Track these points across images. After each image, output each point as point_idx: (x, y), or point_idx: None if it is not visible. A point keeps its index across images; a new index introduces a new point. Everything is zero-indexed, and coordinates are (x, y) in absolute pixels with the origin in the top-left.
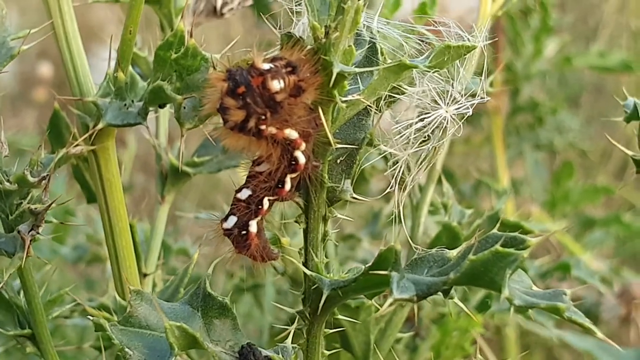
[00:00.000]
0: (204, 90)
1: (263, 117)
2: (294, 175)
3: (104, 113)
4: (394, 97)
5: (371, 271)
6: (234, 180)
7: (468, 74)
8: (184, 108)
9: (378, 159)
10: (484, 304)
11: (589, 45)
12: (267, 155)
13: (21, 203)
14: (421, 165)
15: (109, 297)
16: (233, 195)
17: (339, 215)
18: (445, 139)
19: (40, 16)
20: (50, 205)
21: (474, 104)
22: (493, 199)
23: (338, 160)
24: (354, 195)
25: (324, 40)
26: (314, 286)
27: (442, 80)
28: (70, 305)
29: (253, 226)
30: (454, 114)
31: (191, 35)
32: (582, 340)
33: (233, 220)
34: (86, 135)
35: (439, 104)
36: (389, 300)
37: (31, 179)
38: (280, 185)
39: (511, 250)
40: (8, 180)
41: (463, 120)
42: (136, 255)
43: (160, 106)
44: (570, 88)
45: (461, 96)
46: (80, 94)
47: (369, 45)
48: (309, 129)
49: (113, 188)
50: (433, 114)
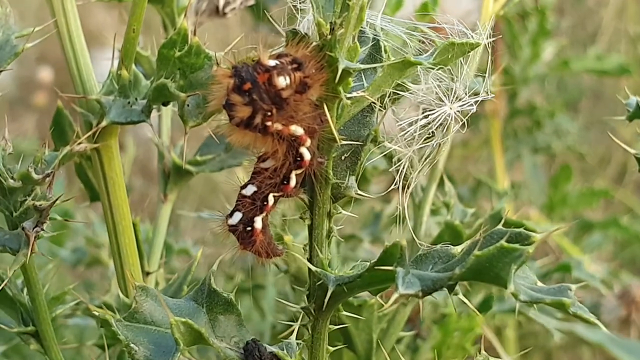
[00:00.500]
0: (210, 87)
1: (269, 114)
2: (299, 171)
3: (108, 111)
4: (398, 95)
5: (376, 267)
6: (232, 184)
7: (471, 71)
8: (188, 106)
9: (380, 157)
10: (486, 304)
11: (587, 50)
12: (273, 152)
13: (25, 200)
14: (425, 162)
15: (112, 296)
16: (238, 191)
17: (344, 212)
18: (449, 136)
19: (39, 21)
20: (55, 201)
21: (477, 101)
22: (494, 201)
23: (342, 157)
24: (359, 192)
25: (329, 36)
26: (319, 282)
27: (446, 78)
28: (72, 303)
29: (258, 222)
30: (458, 111)
31: (195, 34)
32: (593, 332)
33: (238, 216)
34: (90, 133)
35: (443, 101)
36: (395, 295)
37: (35, 176)
38: (285, 182)
39: (516, 245)
40: (12, 177)
41: (467, 117)
42: (139, 253)
43: (164, 104)
44: (569, 93)
45: (465, 93)
46: (84, 93)
47: (373, 43)
48: (314, 125)
49: (116, 186)
50: (437, 111)
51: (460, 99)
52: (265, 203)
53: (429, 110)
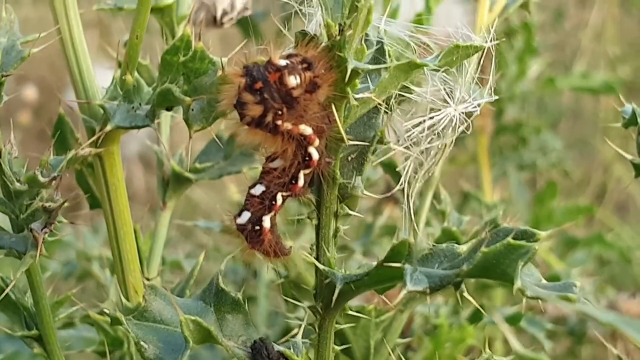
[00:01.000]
0: (220, 87)
1: (280, 112)
2: (307, 171)
3: (112, 115)
4: (404, 97)
5: (384, 264)
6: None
7: (474, 74)
8: (192, 110)
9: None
10: (476, 315)
11: (570, 70)
12: (282, 151)
13: (31, 203)
14: (431, 162)
15: (110, 304)
16: (246, 191)
17: (350, 212)
18: (453, 137)
19: (38, 28)
20: (64, 202)
21: (480, 103)
22: (484, 213)
23: (349, 158)
24: (365, 192)
25: (338, 37)
26: (327, 281)
27: (451, 80)
28: (76, 308)
29: (266, 221)
30: (462, 113)
31: (199, 39)
32: (605, 314)
33: (247, 215)
34: (94, 138)
35: (447, 103)
36: (403, 292)
37: (42, 179)
38: (293, 181)
39: (523, 242)
40: (18, 181)
41: (471, 119)
42: (139, 259)
43: (168, 109)
44: (549, 114)
45: (469, 95)
46: (87, 98)
47: (377, 47)
48: (323, 125)
49: (118, 192)
50: (442, 112)
51: (464, 101)
52: (273, 202)
53: (434, 112)
